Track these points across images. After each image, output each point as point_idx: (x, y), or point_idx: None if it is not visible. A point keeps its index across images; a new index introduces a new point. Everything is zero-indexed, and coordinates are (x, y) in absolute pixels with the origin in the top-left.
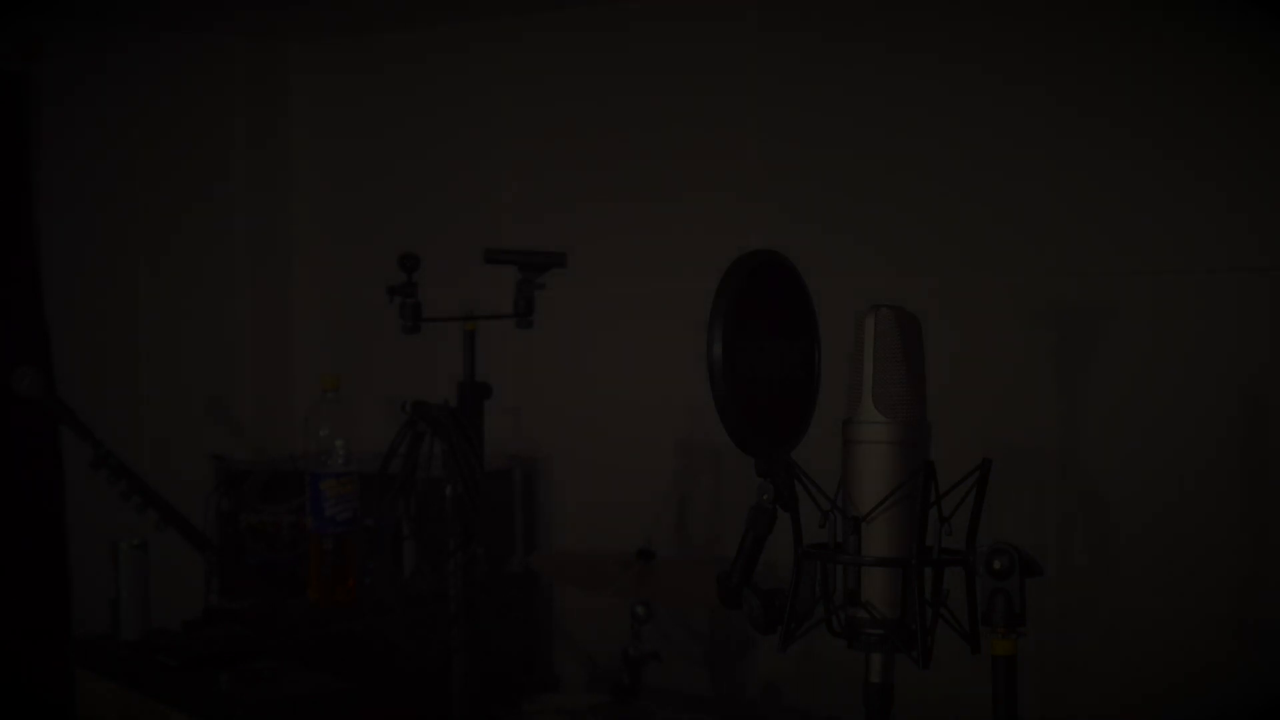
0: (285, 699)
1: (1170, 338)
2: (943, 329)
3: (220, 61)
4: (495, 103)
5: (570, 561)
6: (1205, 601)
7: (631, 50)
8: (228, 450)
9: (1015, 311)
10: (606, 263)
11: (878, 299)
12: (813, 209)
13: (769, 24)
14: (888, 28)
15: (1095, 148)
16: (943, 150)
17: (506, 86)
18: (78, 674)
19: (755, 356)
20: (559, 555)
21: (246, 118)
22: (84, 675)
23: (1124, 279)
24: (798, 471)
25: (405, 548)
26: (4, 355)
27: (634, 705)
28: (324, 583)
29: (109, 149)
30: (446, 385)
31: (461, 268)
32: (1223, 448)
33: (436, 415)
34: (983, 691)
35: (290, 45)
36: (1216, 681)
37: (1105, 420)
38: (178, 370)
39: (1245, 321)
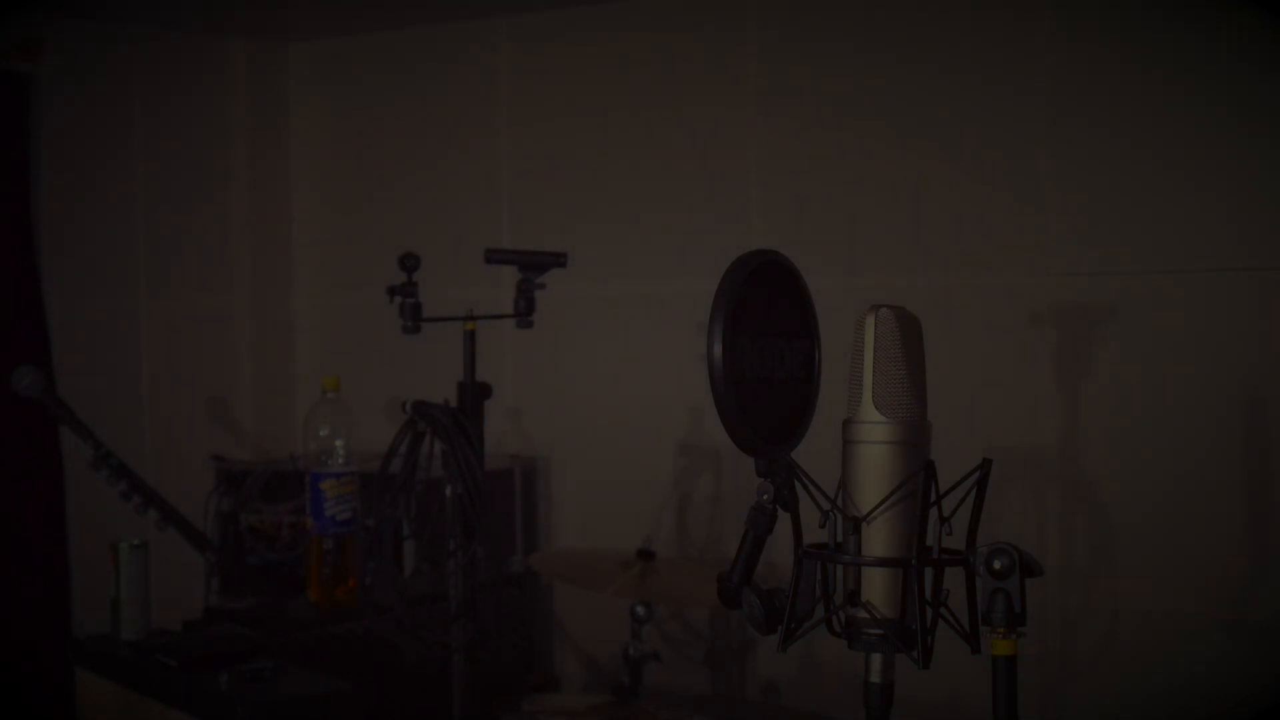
0: (285, 699)
1: (1170, 338)
2: (943, 329)
3: (220, 61)
4: (496, 102)
5: (570, 561)
6: (1205, 601)
7: (632, 50)
8: (228, 450)
9: (1015, 311)
10: (606, 263)
11: (878, 299)
12: (813, 209)
13: (770, 23)
14: (890, 28)
15: (1095, 148)
16: (942, 151)
17: (507, 85)
18: (78, 674)
19: (755, 356)
20: (559, 555)
21: (246, 118)
22: (84, 675)
23: (1124, 279)
24: (798, 471)
25: (405, 548)
26: (4, 355)
27: (634, 705)
28: (324, 583)
29: (109, 149)
30: (446, 385)
31: (461, 268)
32: (1222, 447)
33: (437, 415)
34: (983, 691)
35: (290, 45)
36: (1216, 681)
37: (1105, 420)
38: (178, 370)
39: (1245, 321)
